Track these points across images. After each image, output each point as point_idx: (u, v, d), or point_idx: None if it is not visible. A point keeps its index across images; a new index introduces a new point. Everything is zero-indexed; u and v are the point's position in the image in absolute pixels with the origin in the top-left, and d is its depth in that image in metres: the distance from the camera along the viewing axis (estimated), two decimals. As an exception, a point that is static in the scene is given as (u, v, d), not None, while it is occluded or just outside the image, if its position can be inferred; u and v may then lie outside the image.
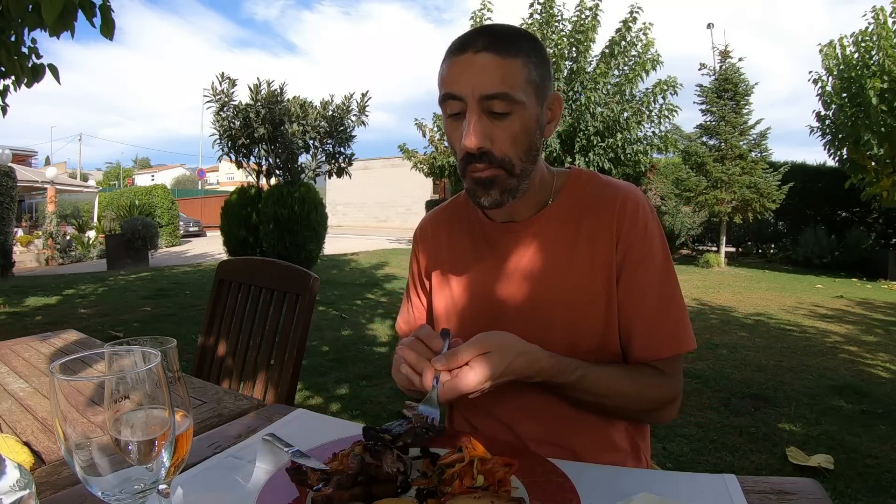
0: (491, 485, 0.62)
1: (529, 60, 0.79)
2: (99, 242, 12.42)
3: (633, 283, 0.86)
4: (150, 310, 5.53)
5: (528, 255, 0.90)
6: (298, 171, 8.82)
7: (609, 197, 0.88)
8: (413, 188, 23.07)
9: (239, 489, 0.67)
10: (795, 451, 2.38)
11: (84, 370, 0.61)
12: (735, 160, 9.78)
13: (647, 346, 0.86)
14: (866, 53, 8.52)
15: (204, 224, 20.63)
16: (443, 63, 0.82)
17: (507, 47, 0.77)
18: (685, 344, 0.86)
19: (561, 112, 0.88)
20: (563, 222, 0.90)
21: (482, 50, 0.77)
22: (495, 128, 0.79)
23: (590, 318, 0.86)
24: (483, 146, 0.79)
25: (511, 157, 0.81)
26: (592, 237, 0.87)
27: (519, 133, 0.80)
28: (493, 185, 0.82)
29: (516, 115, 0.79)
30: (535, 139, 0.83)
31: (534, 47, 0.81)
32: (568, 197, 0.91)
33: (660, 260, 0.87)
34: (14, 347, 1.42)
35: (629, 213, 0.86)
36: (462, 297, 0.96)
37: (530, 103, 0.80)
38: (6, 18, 2.86)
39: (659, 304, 0.86)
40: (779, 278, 8.73)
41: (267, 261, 1.50)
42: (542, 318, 0.88)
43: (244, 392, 1.37)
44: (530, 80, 0.79)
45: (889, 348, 4.32)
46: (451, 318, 0.97)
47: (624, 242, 0.86)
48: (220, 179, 48.08)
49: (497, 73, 0.77)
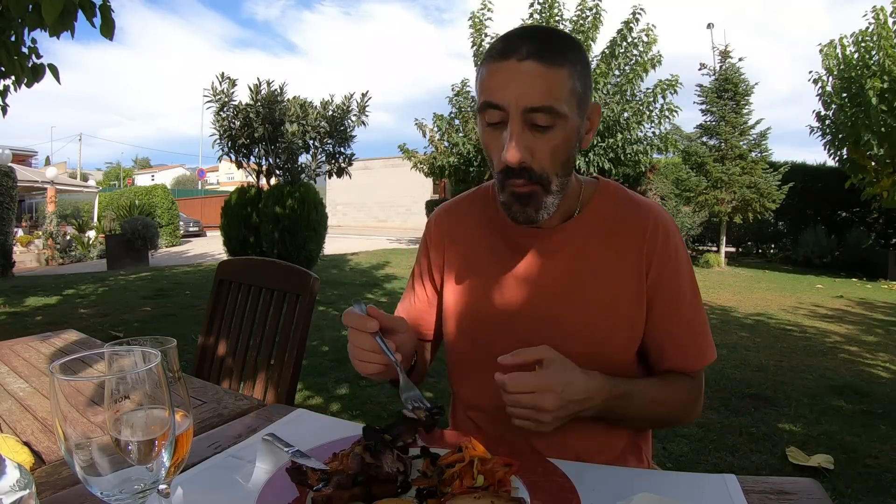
0: (491, 485, 0.62)
1: (574, 70, 0.76)
2: (99, 242, 12.41)
3: (667, 304, 0.88)
4: (150, 310, 5.53)
5: (553, 264, 0.89)
6: (298, 171, 8.82)
7: (640, 218, 0.89)
8: (413, 188, 23.05)
9: (239, 489, 0.67)
10: (795, 451, 2.38)
11: (84, 370, 0.61)
12: (735, 160, 9.78)
13: (678, 360, 0.90)
14: (866, 53, 8.52)
15: (204, 224, 20.62)
16: (482, 66, 0.79)
17: (553, 56, 0.74)
18: (711, 354, 0.91)
19: (599, 121, 0.86)
20: (591, 235, 0.89)
21: (527, 58, 0.74)
22: (536, 141, 0.76)
23: (610, 333, 0.87)
24: (525, 161, 0.76)
25: (549, 172, 0.79)
26: (621, 255, 0.87)
27: (559, 146, 0.78)
28: (530, 201, 0.80)
29: (558, 128, 0.76)
30: (574, 152, 0.82)
31: (578, 55, 0.78)
32: (596, 209, 0.90)
33: (689, 278, 0.90)
34: (14, 347, 1.42)
35: (661, 236, 0.88)
36: (479, 297, 0.94)
37: (572, 115, 0.77)
38: (6, 18, 2.86)
39: (689, 320, 0.90)
40: (779, 278, 8.73)
41: (267, 261, 1.50)
42: (561, 329, 0.87)
43: (244, 392, 1.37)
44: (574, 91, 0.76)
45: (889, 348, 4.32)
46: (464, 317, 0.95)
47: (657, 266, 0.87)
48: (220, 179, 48.09)
49: (542, 85, 0.73)
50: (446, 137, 11.43)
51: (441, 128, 11.57)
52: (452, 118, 11.59)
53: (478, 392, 0.95)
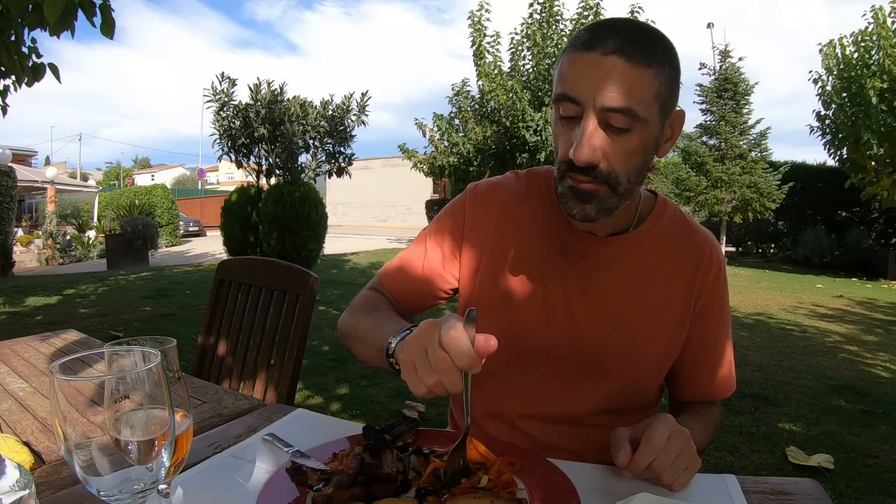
0: (497, 486, 0.62)
1: (661, 71, 0.71)
2: (99, 242, 12.41)
3: (707, 335, 0.89)
4: (150, 310, 5.53)
5: (604, 277, 0.85)
6: (298, 170, 8.82)
7: (697, 244, 0.88)
8: (413, 188, 23.05)
9: (239, 489, 0.67)
10: (795, 451, 2.38)
11: (84, 370, 0.61)
12: (735, 160, 9.78)
13: (705, 388, 0.92)
14: (866, 53, 8.52)
15: (204, 224, 20.62)
16: (564, 54, 0.73)
17: (640, 54, 0.69)
18: (734, 384, 0.93)
19: (681, 130, 0.80)
20: (646, 254, 0.86)
21: (612, 52, 0.68)
22: (610, 142, 0.71)
23: (648, 354, 0.86)
24: (592, 162, 0.71)
25: (619, 174, 0.73)
26: (672, 279, 0.86)
27: (634, 151, 0.73)
28: (591, 199, 0.75)
29: (636, 132, 0.71)
30: (649, 159, 0.77)
31: (668, 56, 0.72)
32: (653, 227, 0.87)
33: (728, 311, 0.92)
34: (14, 347, 1.42)
35: (714, 265, 0.88)
36: (521, 293, 0.88)
37: (653, 121, 0.72)
38: (6, 18, 2.86)
39: (722, 353, 0.91)
40: (779, 278, 8.73)
41: (267, 261, 1.50)
42: (600, 344, 0.85)
43: (244, 392, 1.37)
44: (658, 94, 0.71)
45: (889, 348, 4.32)
46: (500, 312, 0.88)
47: (706, 296, 0.87)
48: (220, 179, 48.07)
49: (624, 84, 0.68)
50: (446, 137, 11.43)
51: (441, 128, 11.57)
52: (452, 118, 11.58)
53: (489, 394, 0.90)
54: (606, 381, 0.86)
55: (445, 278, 0.95)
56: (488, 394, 0.91)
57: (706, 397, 0.93)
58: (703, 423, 0.87)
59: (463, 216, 0.93)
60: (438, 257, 0.94)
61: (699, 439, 0.81)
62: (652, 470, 0.65)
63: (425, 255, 0.95)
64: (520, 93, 9.89)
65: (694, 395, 0.93)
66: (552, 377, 0.87)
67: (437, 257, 0.94)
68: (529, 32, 10.29)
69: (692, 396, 0.93)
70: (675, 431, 0.67)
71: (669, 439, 0.66)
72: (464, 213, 0.93)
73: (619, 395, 0.87)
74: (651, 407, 0.95)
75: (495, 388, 0.90)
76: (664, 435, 0.66)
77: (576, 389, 0.87)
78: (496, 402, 0.91)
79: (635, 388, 0.88)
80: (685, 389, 0.93)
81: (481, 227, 0.92)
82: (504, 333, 0.89)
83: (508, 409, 0.90)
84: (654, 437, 0.66)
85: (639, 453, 0.66)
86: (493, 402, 0.91)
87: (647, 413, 0.94)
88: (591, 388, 0.86)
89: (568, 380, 0.87)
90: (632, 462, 0.66)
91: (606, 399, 0.87)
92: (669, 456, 0.65)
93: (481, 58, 10.53)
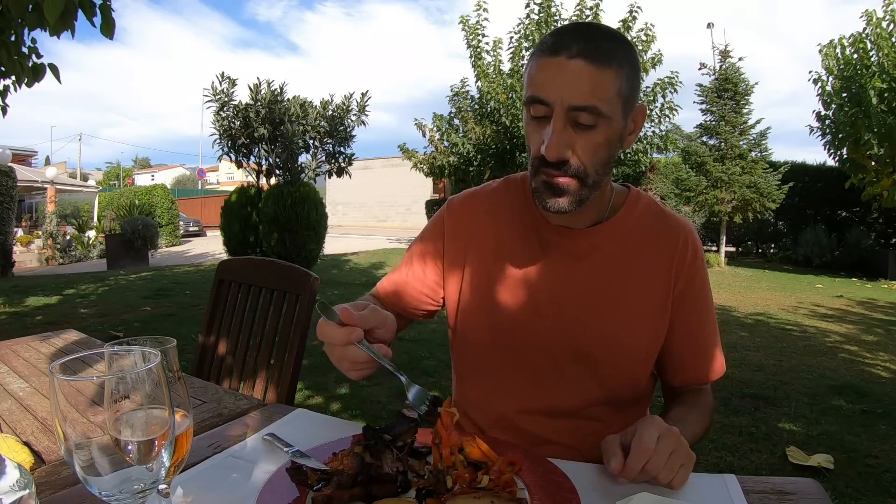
0: (497, 486, 0.62)
1: (622, 71, 0.76)
2: (99, 242, 12.41)
3: (690, 318, 0.90)
4: (150, 310, 5.53)
5: (582, 267, 0.89)
6: (298, 170, 8.82)
7: (672, 230, 0.90)
8: (413, 188, 23.06)
9: (239, 489, 0.67)
10: (795, 451, 2.38)
11: (84, 370, 0.61)
12: (735, 160, 9.77)
13: (696, 372, 0.93)
14: (865, 54, 8.52)
15: (204, 224, 20.62)
16: (531, 60, 0.79)
17: (602, 56, 0.74)
18: (724, 367, 0.95)
19: (643, 123, 0.87)
20: (622, 243, 0.89)
21: (576, 56, 0.74)
22: (578, 138, 0.77)
23: (633, 341, 0.88)
24: (562, 157, 0.77)
25: (588, 168, 0.79)
26: (650, 267, 0.88)
27: (601, 145, 0.78)
28: (564, 192, 0.80)
29: (601, 127, 0.77)
30: (615, 152, 0.82)
31: (628, 56, 0.78)
32: (627, 217, 0.91)
33: (709, 294, 0.93)
34: (14, 347, 1.42)
35: (690, 250, 0.90)
36: (502, 292, 0.92)
37: (616, 116, 0.77)
38: (6, 18, 2.86)
39: (708, 334, 0.93)
40: (779, 278, 8.73)
41: (267, 261, 1.50)
42: (584, 333, 0.87)
43: (244, 392, 1.37)
44: (620, 92, 0.76)
45: (889, 348, 4.32)
46: (485, 310, 0.92)
47: (683, 280, 0.89)
48: (220, 179, 48.07)
49: (588, 84, 0.74)
50: (446, 137, 11.43)
51: (441, 128, 11.56)
52: (452, 118, 11.58)
53: (487, 392, 0.94)
54: (597, 371, 0.88)
55: (428, 294, 1.01)
56: (485, 391, 0.94)
57: (697, 380, 0.94)
58: (698, 411, 0.89)
59: (442, 228, 1.00)
60: (420, 274, 1.01)
61: (696, 428, 0.84)
62: (647, 472, 0.65)
63: (410, 272, 1.02)
64: (519, 92, 9.89)
65: (686, 379, 0.94)
66: (546, 371, 0.89)
67: (419, 274, 1.01)
68: (528, 32, 10.29)
69: (684, 381, 0.95)
70: (664, 431, 0.68)
71: (659, 439, 0.66)
72: (443, 225, 1.00)
73: (612, 385, 0.89)
74: (645, 398, 0.97)
75: (491, 385, 0.93)
76: (653, 436, 0.67)
77: (569, 382, 0.89)
78: (493, 399, 0.93)
79: (626, 377, 0.90)
80: (676, 374, 0.94)
81: (461, 236, 0.97)
82: (495, 332, 0.92)
83: (506, 406, 0.92)
84: (644, 440, 0.66)
85: (631, 458, 0.66)
86: (490, 400, 0.94)
87: (641, 405, 0.97)
88: (584, 379, 0.88)
89: (561, 373, 0.89)
90: (625, 468, 0.66)
91: (599, 390, 0.89)
92: (662, 456, 0.65)
93: (479, 59, 10.52)
